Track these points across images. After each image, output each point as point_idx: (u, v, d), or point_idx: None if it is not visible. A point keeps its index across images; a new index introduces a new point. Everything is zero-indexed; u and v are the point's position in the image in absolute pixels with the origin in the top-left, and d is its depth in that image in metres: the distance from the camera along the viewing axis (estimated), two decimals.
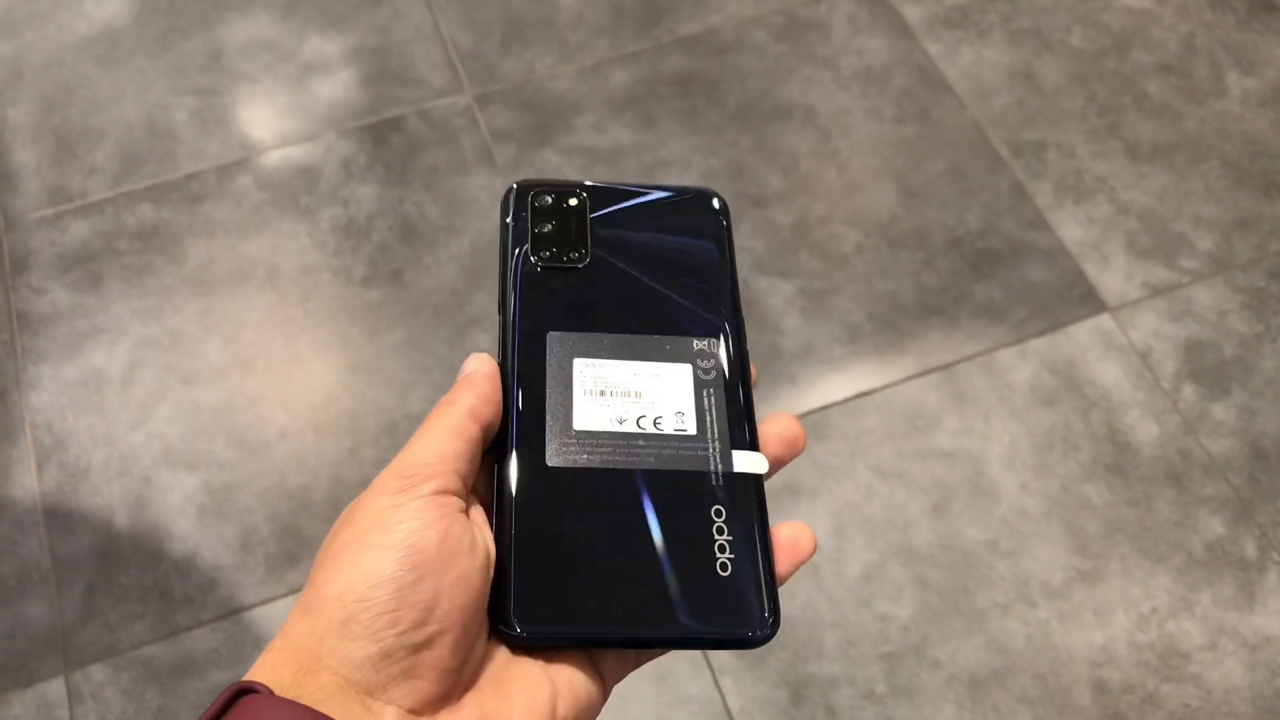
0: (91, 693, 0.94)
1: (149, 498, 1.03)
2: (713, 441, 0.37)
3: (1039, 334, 1.11)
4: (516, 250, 0.40)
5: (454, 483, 0.33)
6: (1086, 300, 1.13)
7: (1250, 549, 1.00)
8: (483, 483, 0.36)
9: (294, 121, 1.25)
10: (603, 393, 0.37)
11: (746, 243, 1.16)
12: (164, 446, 1.05)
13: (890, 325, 1.12)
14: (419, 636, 0.30)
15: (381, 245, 1.17)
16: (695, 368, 0.38)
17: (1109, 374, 1.09)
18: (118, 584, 0.99)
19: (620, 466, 0.36)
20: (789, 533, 0.36)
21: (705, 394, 0.38)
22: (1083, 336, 1.11)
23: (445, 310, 1.13)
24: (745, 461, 0.37)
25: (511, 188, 0.42)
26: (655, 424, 0.37)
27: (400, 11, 1.34)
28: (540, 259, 0.40)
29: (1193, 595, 0.98)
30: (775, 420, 0.38)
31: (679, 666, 0.95)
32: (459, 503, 0.33)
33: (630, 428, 0.37)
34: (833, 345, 1.11)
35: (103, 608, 0.98)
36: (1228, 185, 1.20)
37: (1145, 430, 1.06)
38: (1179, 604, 0.98)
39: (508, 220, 0.41)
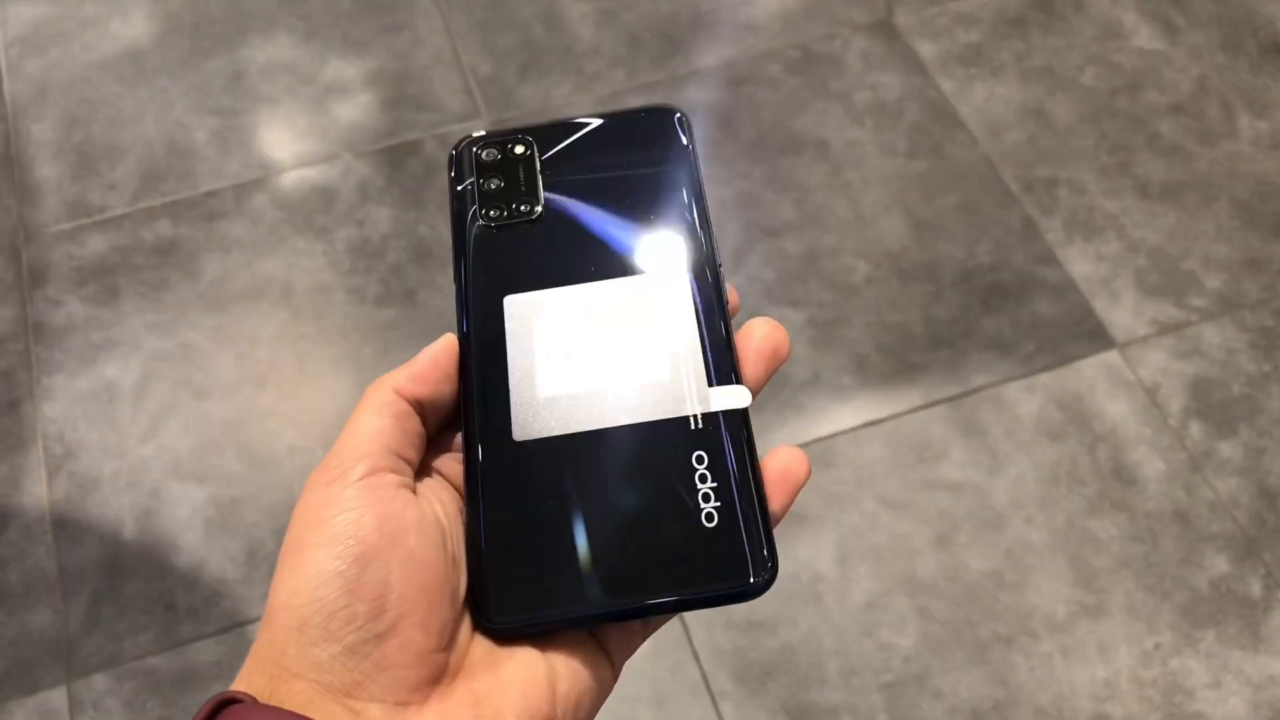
0: (93, 702, 0.94)
1: (157, 510, 1.04)
2: (688, 383, 0.34)
3: (1047, 369, 1.12)
4: (465, 212, 0.38)
5: (387, 460, 0.32)
6: (1095, 336, 1.14)
7: (1256, 588, 1.00)
8: (452, 460, 0.35)
9: (312, 143, 1.27)
10: (567, 352, 0.35)
11: (757, 272, 1.17)
12: (174, 459, 1.06)
13: (899, 356, 1.12)
14: (380, 626, 0.29)
15: (395, 266, 1.18)
16: (663, 306, 0.36)
17: (1116, 410, 1.09)
18: (123, 595, 0.99)
19: (591, 428, 0.34)
20: (778, 463, 0.33)
21: (676, 333, 0.35)
22: (1091, 372, 1.11)
23: None
24: (725, 398, 0.34)
25: (455, 146, 0.40)
26: (626, 376, 0.34)
27: (420, 38, 1.35)
28: (489, 218, 0.38)
29: (1197, 632, 0.98)
30: (752, 330, 0.35)
31: (679, 691, 0.95)
32: (395, 479, 0.32)
33: (599, 384, 0.34)
34: (841, 375, 1.11)
35: (107, 618, 0.98)
36: (1238, 225, 1.21)
37: (1152, 466, 1.06)
38: (1183, 641, 0.98)
39: (453, 178, 0.39)
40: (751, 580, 0.31)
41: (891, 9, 1.38)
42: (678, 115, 0.40)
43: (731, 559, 0.32)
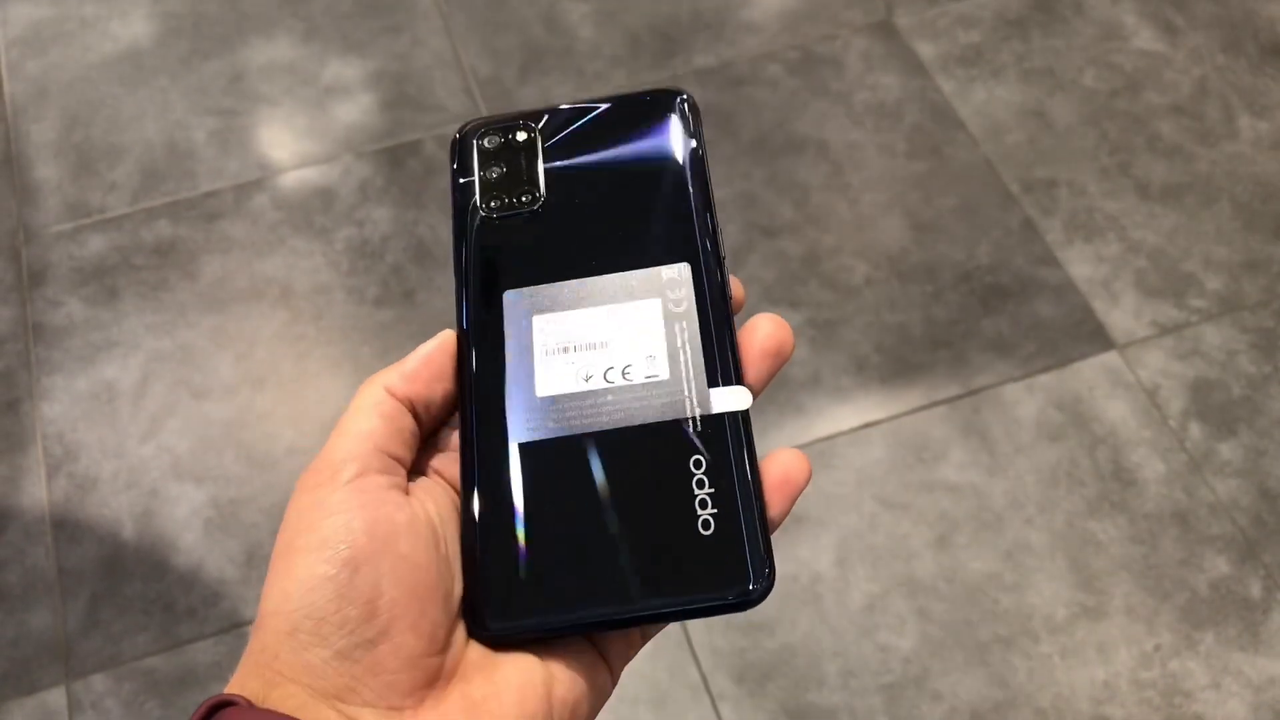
0: (92, 702, 0.94)
1: (156, 510, 1.04)
2: (687, 383, 0.33)
3: (1047, 370, 1.11)
4: (464, 203, 0.37)
5: (377, 461, 0.31)
6: (1095, 337, 1.13)
7: (1255, 589, 1.00)
8: (448, 460, 0.35)
9: (312, 143, 1.27)
10: (565, 349, 0.34)
11: (757, 273, 1.17)
12: (173, 460, 1.06)
13: (898, 357, 1.12)
14: (371, 631, 0.29)
15: (395, 266, 1.18)
16: (665, 301, 0.35)
17: (1116, 411, 1.09)
18: (122, 595, 0.99)
19: (588, 430, 0.33)
20: (778, 468, 0.33)
21: (677, 330, 0.34)
22: (1090, 373, 1.11)
23: None
24: (725, 399, 0.33)
25: (457, 132, 0.38)
26: (624, 375, 0.33)
27: (420, 38, 1.35)
28: (490, 209, 0.37)
29: (1197, 634, 0.98)
30: (756, 327, 0.34)
31: (679, 693, 0.95)
32: (386, 480, 0.31)
33: (597, 384, 0.33)
34: (840, 376, 1.11)
35: (106, 618, 0.98)
36: (1238, 227, 1.21)
37: (1151, 468, 1.06)
38: (1183, 642, 0.98)
39: (454, 167, 0.38)
40: (748, 590, 0.31)
41: (891, 10, 1.38)
42: (683, 98, 0.39)
43: (728, 568, 0.31)
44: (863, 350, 1.13)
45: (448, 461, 0.34)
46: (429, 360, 0.34)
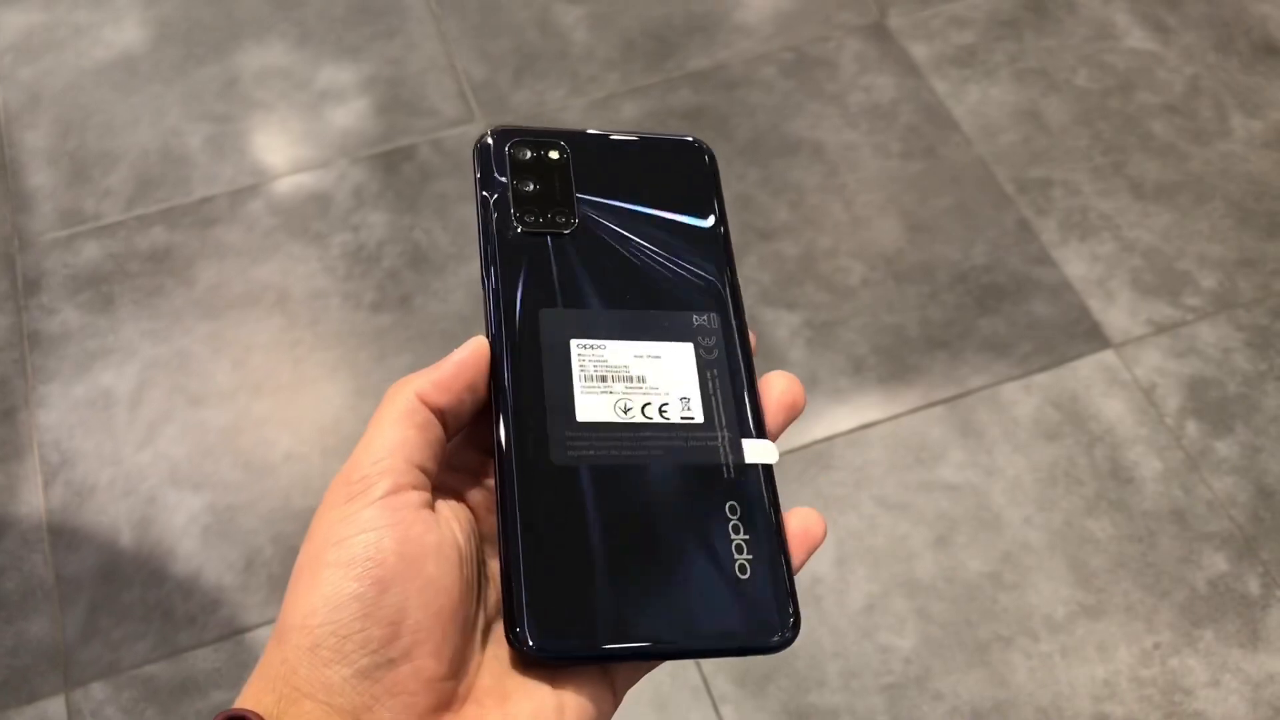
0: (91, 711, 0.94)
1: (154, 517, 1.03)
2: (721, 430, 0.34)
3: (1043, 369, 1.12)
4: (496, 211, 0.36)
5: (409, 476, 0.31)
6: (1091, 336, 1.14)
7: (1254, 586, 1.00)
8: (468, 477, 0.34)
9: (307, 148, 1.27)
10: (604, 378, 0.34)
11: (753, 274, 1.17)
12: (170, 467, 1.06)
13: (895, 358, 1.12)
14: (394, 651, 0.29)
15: (391, 271, 1.18)
16: (697, 346, 0.35)
17: (1113, 409, 1.09)
18: (120, 603, 0.99)
19: (628, 463, 0.33)
20: (798, 521, 0.34)
21: (709, 376, 0.35)
22: (1087, 372, 1.12)
23: (453, 336, 1.13)
24: (756, 451, 0.34)
25: (486, 138, 0.38)
26: (661, 412, 0.34)
27: (414, 43, 1.35)
28: (524, 223, 0.36)
29: (1196, 631, 0.98)
30: (772, 383, 0.36)
31: (680, 694, 0.95)
32: (418, 497, 0.31)
33: (635, 417, 0.34)
34: (838, 377, 1.11)
35: (105, 626, 0.98)
36: (1231, 225, 1.21)
37: (1149, 466, 1.06)
38: (1182, 640, 0.98)
39: (484, 176, 0.37)
40: (782, 636, 0.32)
41: (885, 11, 1.38)
42: (707, 152, 0.39)
43: (763, 613, 0.32)
44: (860, 351, 1.13)
45: (466, 480, 0.34)
46: (462, 368, 0.33)
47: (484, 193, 0.37)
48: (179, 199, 1.23)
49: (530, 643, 0.30)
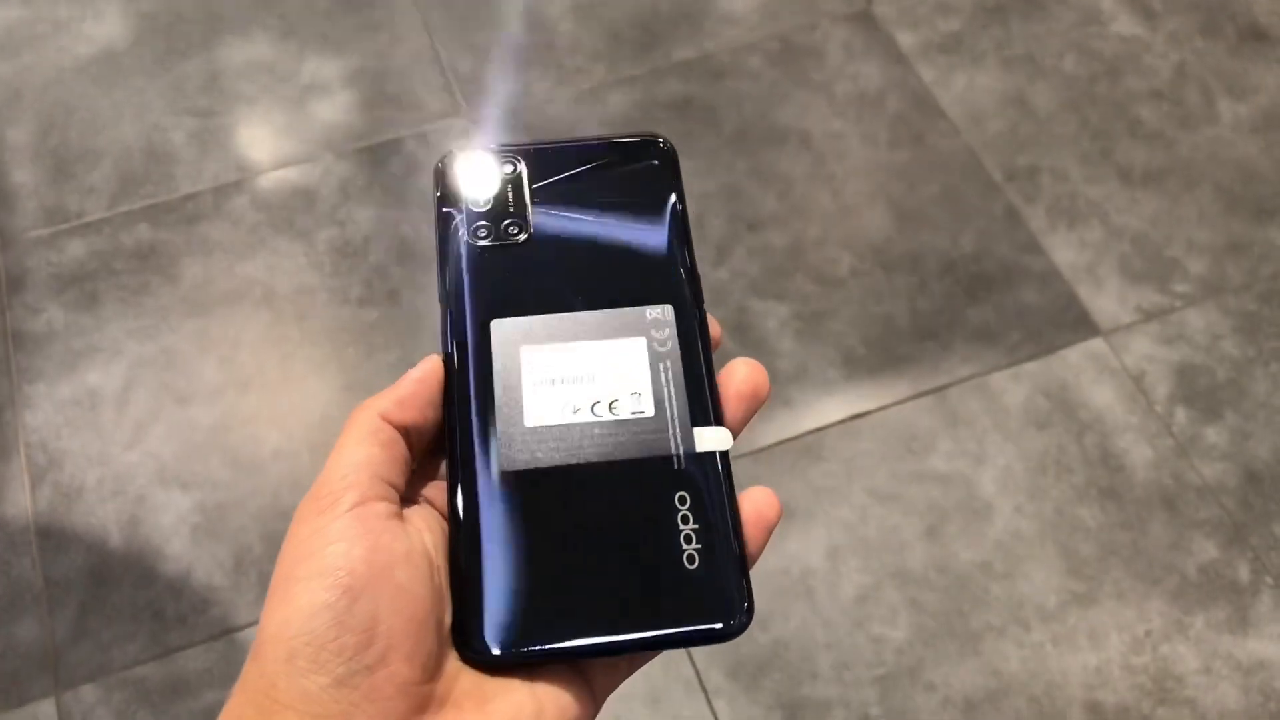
0: (83, 713, 0.94)
1: (143, 517, 1.03)
2: (672, 421, 0.34)
3: (1032, 357, 1.12)
4: (450, 231, 0.38)
5: (376, 489, 0.32)
6: (1080, 324, 1.14)
7: (1244, 572, 1.01)
8: (435, 490, 0.35)
9: (292, 143, 1.26)
10: (553, 381, 0.35)
11: (742, 266, 1.17)
12: (158, 466, 1.05)
13: (884, 348, 1.12)
14: (369, 658, 0.29)
15: (378, 266, 1.17)
16: (649, 340, 0.36)
17: (1102, 397, 1.09)
18: (110, 604, 0.99)
19: (576, 461, 0.34)
20: (751, 505, 0.34)
21: (661, 368, 0.35)
22: (1076, 360, 1.12)
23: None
24: (708, 439, 0.34)
25: (441, 160, 0.39)
26: (611, 409, 0.35)
27: (399, 35, 1.34)
28: (477, 238, 0.37)
29: (1187, 619, 0.98)
30: (732, 371, 0.36)
31: (673, 688, 0.95)
32: (385, 508, 0.32)
33: (585, 417, 0.34)
34: (827, 368, 1.11)
35: (95, 627, 0.98)
36: (1220, 210, 1.21)
37: (1139, 453, 1.06)
38: (1173, 627, 0.98)
39: (439, 195, 0.38)
40: (732, 623, 0.32)
41: None
42: (664, 145, 0.40)
43: (711, 601, 0.32)
44: (849, 342, 1.13)
45: (436, 490, 0.35)
46: (421, 386, 0.34)
47: (441, 209, 0.38)
48: (163, 195, 1.22)
49: (479, 649, 0.31)
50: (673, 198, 0.39)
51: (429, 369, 0.35)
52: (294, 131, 1.27)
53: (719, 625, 0.32)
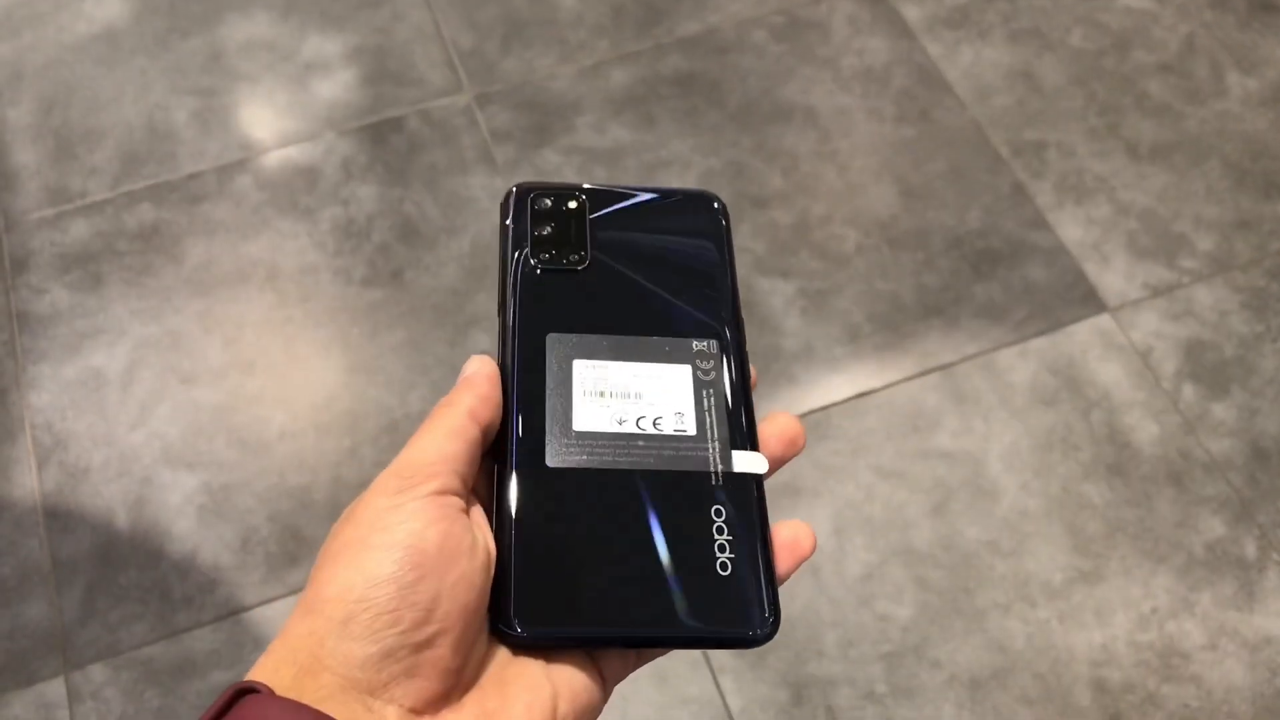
0: (91, 693, 0.94)
1: (149, 498, 1.03)
2: (712, 442, 0.37)
3: (1039, 334, 1.11)
4: (516, 253, 0.40)
5: (454, 483, 0.33)
6: (1087, 300, 1.13)
7: (1250, 549, 1.00)
8: (483, 484, 0.36)
9: (294, 121, 1.25)
10: (602, 394, 0.37)
11: (747, 243, 1.16)
12: (164, 447, 1.05)
13: (890, 325, 1.12)
14: (420, 636, 0.30)
15: (382, 245, 1.17)
16: (695, 369, 0.38)
17: (1109, 374, 1.09)
18: (117, 584, 0.99)
19: (620, 467, 0.36)
20: (789, 531, 0.36)
21: (705, 394, 0.38)
22: (1083, 336, 1.11)
23: (445, 310, 1.13)
24: (745, 461, 0.37)
25: (511, 190, 0.42)
26: (655, 424, 0.37)
27: (400, 12, 1.34)
28: (540, 261, 0.40)
29: (1193, 595, 0.98)
30: (774, 419, 0.38)
31: (679, 666, 0.95)
32: (459, 502, 0.33)
33: (630, 428, 0.37)
34: (833, 346, 1.11)
35: (102, 608, 0.98)
36: (1228, 185, 1.20)
37: (1146, 430, 1.06)
38: (1179, 604, 0.98)
39: (508, 223, 0.41)
40: (756, 632, 0.34)
41: None
42: (717, 203, 0.43)
43: (741, 608, 0.34)
44: (855, 319, 1.12)
45: (478, 481, 0.37)
46: (493, 387, 0.36)
47: (504, 236, 0.41)
48: (166, 175, 1.22)
49: (514, 627, 0.33)
50: (722, 248, 0.42)
51: (493, 369, 0.37)
52: (296, 110, 1.26)
53: (746, 632, 0.34)
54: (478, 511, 0.35)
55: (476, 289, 1.14)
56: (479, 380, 0.36)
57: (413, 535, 0.31)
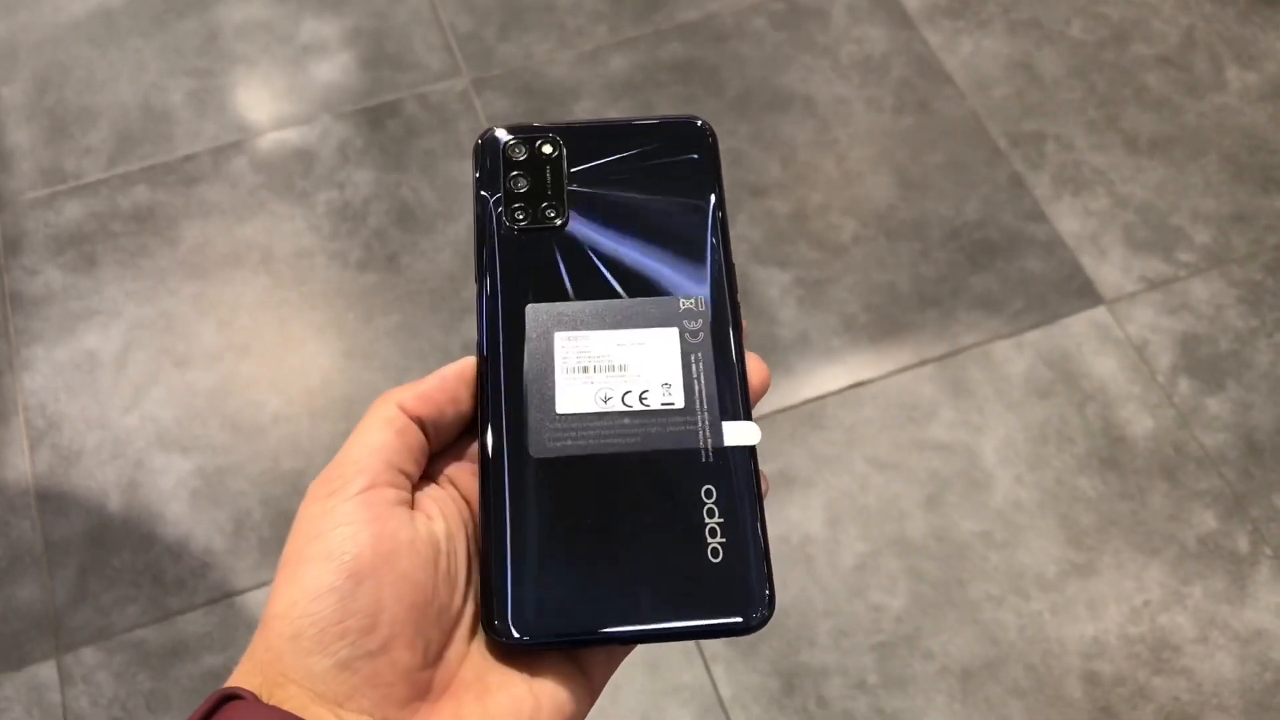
0: (83, 675, 0.94)
1: (142, 481, 1.03)
2: (701, 414, 0.35)
3: (1035, 326, 1.11)
4: (490, 210, 0.38)
5: (386, 475, 0.32)
6: (1083, 293, 1.13)
7: (1243, 543, 1.01)
8: (469, 474, 0.35)
9: (290, 104, 1.25)
10: (585, 369, 0.35)
11: (744, 232, 1.16)
12: (157, 429, 1.05)
13: (887, 316, 1.12)
14: (372, 644, 0.30)
15: (378, 229, 1.16)
16: (682, 331, 0.36)
17: (1105, 367, 1.09)
18: (110, 567, 0.99)
19: (606, 451, 0.34)
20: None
21: (693, 360, 0.36)
22: (1079, 329, 1.11)
23: (441, 295, 1.12)
24: (736, 434, 0.35)
25: (480, 139, 0.39)
26: (641, 399, 0.35)
27: None
28: (515, 221, 0.37)
29: (1185, 588, 0.99)
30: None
31: (671, 655, 0.95)
32: (394, 495, 0.32)
33: (615, 406, 0.35)
34: (829, 336, 1.11)
35: (95, 590, 0.98)
36: (1226, 179, 1.20)
37: (1140, 423, 1.06)
38: (1171, 597, 0.98)
39: (480, 175, 0.38)
40: (753, 617, 0.33)
41: None
42: (704, 128, 0.40)
43: (734, 595, 0.33)
44: (851, 309, 1.12)
45: (462, 471, 0.35)
46: (445, 383, 0.35)
47: (480, 192, 0.38)
48: (161, 156, 1.21)
49: (504, 632, 0.32)
50: (712, 186, 0.39)
51: (460, 369, 0.35)
52: (292, 92, 1.26)
53: (739, 619, 0.33)
54: (430, 499, 0.34)
55: (472, 274, 1.13)
56: (429, 378, 0.35)
57: (345, 540, 0.30)
